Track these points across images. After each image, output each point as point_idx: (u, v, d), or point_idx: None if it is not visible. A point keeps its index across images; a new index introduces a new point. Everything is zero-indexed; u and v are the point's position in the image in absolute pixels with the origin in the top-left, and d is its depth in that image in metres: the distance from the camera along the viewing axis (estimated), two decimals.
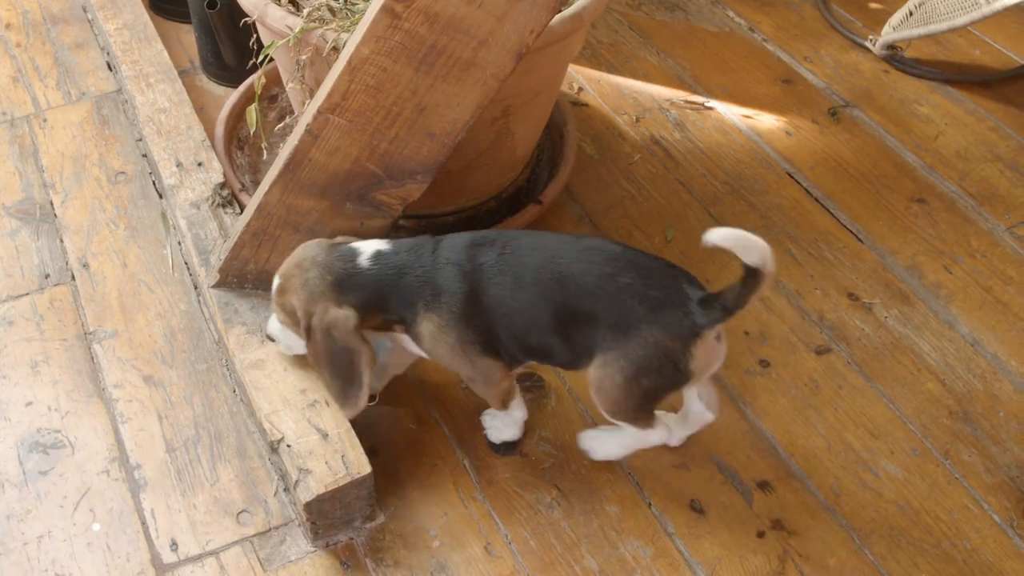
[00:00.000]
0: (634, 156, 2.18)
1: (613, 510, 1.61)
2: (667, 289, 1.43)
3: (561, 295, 1.44)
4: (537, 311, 1.46)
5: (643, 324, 1.41)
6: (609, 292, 1.42)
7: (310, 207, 1.59)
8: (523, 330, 1.48)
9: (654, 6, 2.60)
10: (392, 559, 1.55)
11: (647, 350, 1.42)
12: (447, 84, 1.44)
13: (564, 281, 1.44)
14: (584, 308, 1.44)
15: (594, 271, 1.43)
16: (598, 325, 1.44)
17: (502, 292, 1.46)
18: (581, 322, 1.45)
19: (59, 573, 1.53)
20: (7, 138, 2.18)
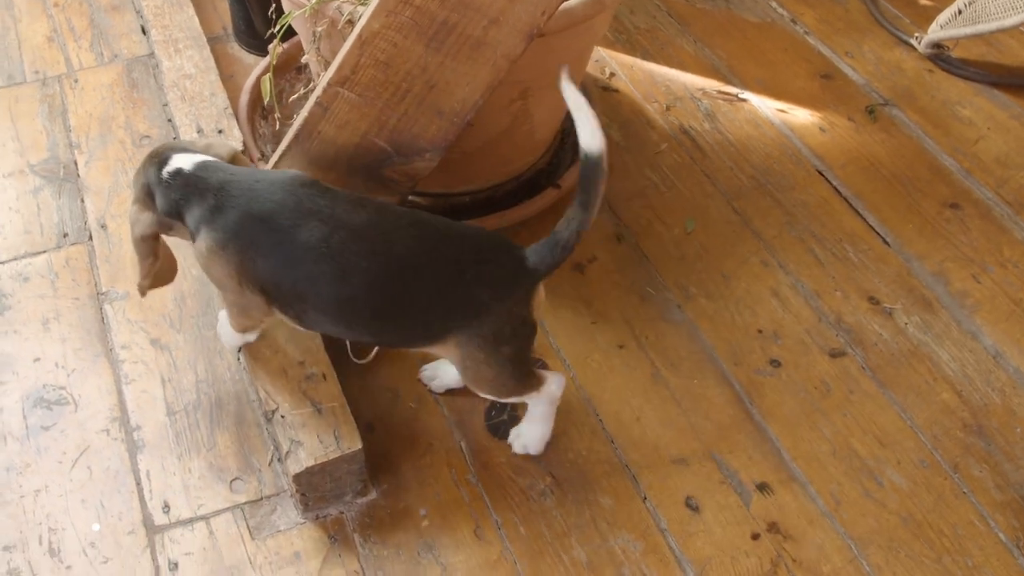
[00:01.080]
0: (661, 145, 2.17)
1: (607, 502, 1.62)
2: (500, 253, 1.44)
3: (396, 298, 1.42)
4: (360, 304, 1.42)
5: (491, 302, 1.41)
6: (455, 284, 1.41)
7: (318, 180, 1.60)
8: (337, 315, 1.45)
9: None
10: (380, 536, 1.57)
11: (501, 321, 1.43)
12: (457, 62, 1.45)
13: (401, 281, 1.41)
14: (424, 299, 1.42)
15: (434, 262, 1.41)
16: (444, 311, 1.43)
17: (326, 287, 1.41)
18: (422, 317, 1.44)
19: (52, 527, 1.57)
20: (38, 97, 2.23)
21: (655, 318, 1.86)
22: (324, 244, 1.37)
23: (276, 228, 1.39)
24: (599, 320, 1.85)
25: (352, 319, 1.44)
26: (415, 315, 1.43)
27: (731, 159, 2.15)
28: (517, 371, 1.49)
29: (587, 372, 1.77)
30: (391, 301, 1.42)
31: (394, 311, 1.43)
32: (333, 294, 1.40)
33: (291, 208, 1.39)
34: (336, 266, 1.38)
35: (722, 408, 1.73)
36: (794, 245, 1.98)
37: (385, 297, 1.41)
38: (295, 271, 1.40)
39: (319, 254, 1.38)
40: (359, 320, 1.44)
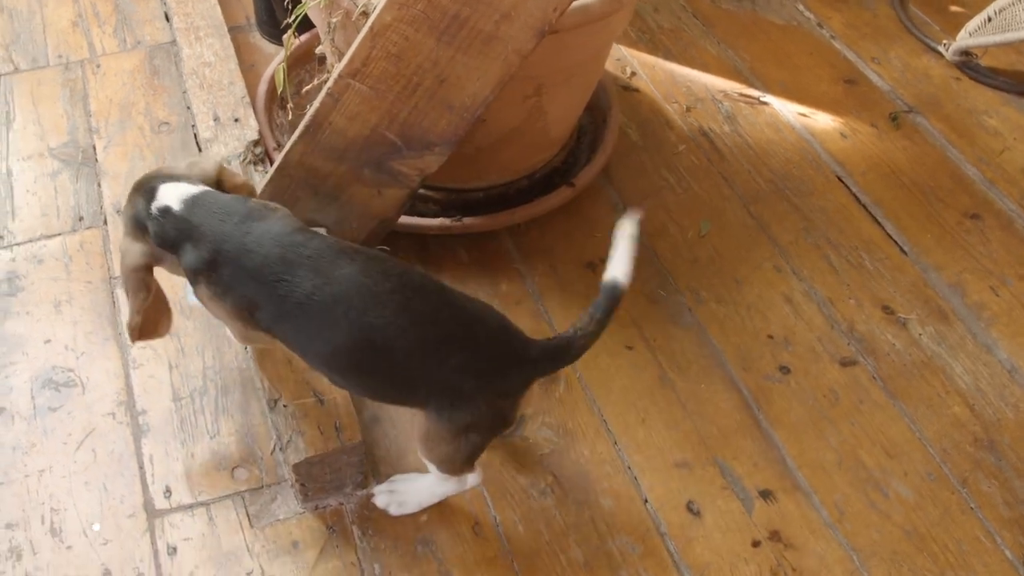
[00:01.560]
0: (679, 146, 2.17)
1: (607, 503, 1.62)
2: (499, 342, 1.40)
3: (374, 362, 1.38)
4: (344, 359, 1.40)
5: (476, 393, 1.38)
6: (439, 366, 1.37)
7: (329, 171, 1.62)
8: (325, 365, 1.44)
9: None
10: (378, 529, 1.58)
11: (479, 413, 1.40)
12: (468, 57, 1.45)
13: (378, 349, 1.36)
14: (404, 380, 1.40)
15: (415, 341, 1.36)
16: (425, 386, 1.39)
17: (312, 339, 1.40)
18: (400, 386, 1.41)
19: (55, 507, 1.60)
20: (60, 81, 2.27)
21: (665, 321, 1.86)
22: (310, 297, 1.36)
23: (265, 282, 1.38)
24: None
25: (339, 371, 1.43)
26: (398, 380, 1.40)
27: (750, 162, 2.14)
28: (471, 457, 1.46)
29: (594, 372, 1.78)
30: (373, 363, 1.39)
31: (377, 372, 1.40)
32: (318, 347, 1.40)
33: (277, 260, 1.38)
34: (322, 320, 1.37)
35: (729, 413, 1.73)
36: (809, 251, 1.97)
37: (368, 357, 1.38)
38: (285, 323, 1.40)
39: (306, 307, 1.37)
40: (345, 373, 1.43)
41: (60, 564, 1.53)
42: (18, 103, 2.21)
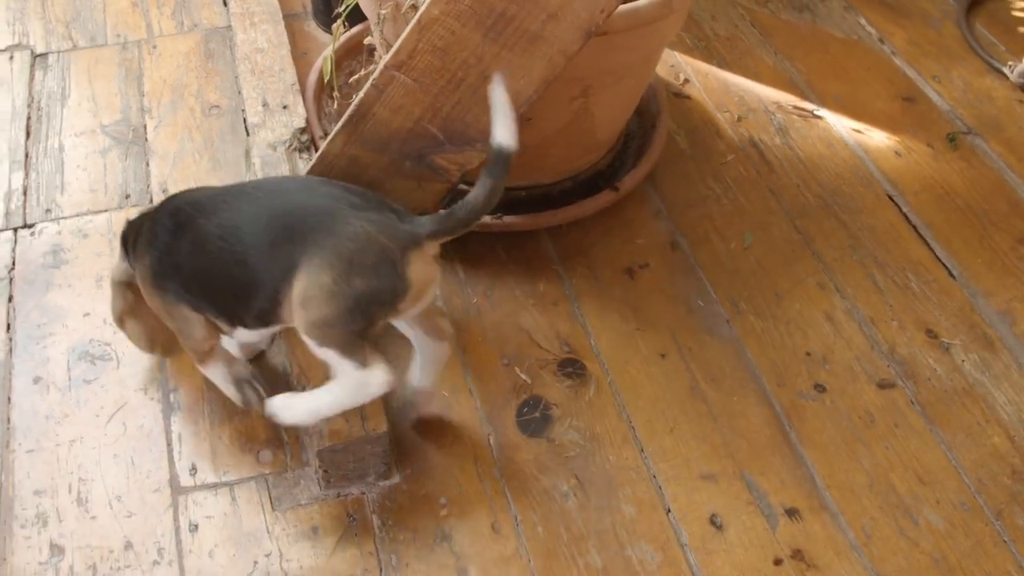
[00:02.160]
0: (728, 156, 2.18)
1: (629, 510, 1.64)
2: (381, 203, 1.48)
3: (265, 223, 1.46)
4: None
5: (353, 219, 1.40)
6: (312, 201, 1.45)
7: (370, 161, 1.66)
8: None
9: (781, 4, 2.57)
10: (398, 520, 1.62)
11: (359, 243, 1.38)
12: (513, 54, 1.48)
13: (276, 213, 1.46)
14: (285, 229, 1.44)
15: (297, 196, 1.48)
16: (299, 239, 1.41)
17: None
18: (279, 242, 1.43)
19: (83, 477, 1.65)
20: (116, 60, 2.34)
21: (701, 331, 1.87)
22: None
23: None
24: (643, 327, 1.87)
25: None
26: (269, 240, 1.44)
27: (799, 176, 2.14)
28: (356, 321, 1.39)
29: (625, 378, 1.79)
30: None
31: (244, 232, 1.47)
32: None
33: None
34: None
35: (759, 428, 1.73)
36: (854, 270, 1.97)
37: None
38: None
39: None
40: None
41: (84, 533, 1.59)
42: (74, 80, 2.29)
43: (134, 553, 1.57)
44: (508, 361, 1.82)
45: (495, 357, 1.82)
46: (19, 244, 1.97)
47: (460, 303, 1.90)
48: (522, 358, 1.82)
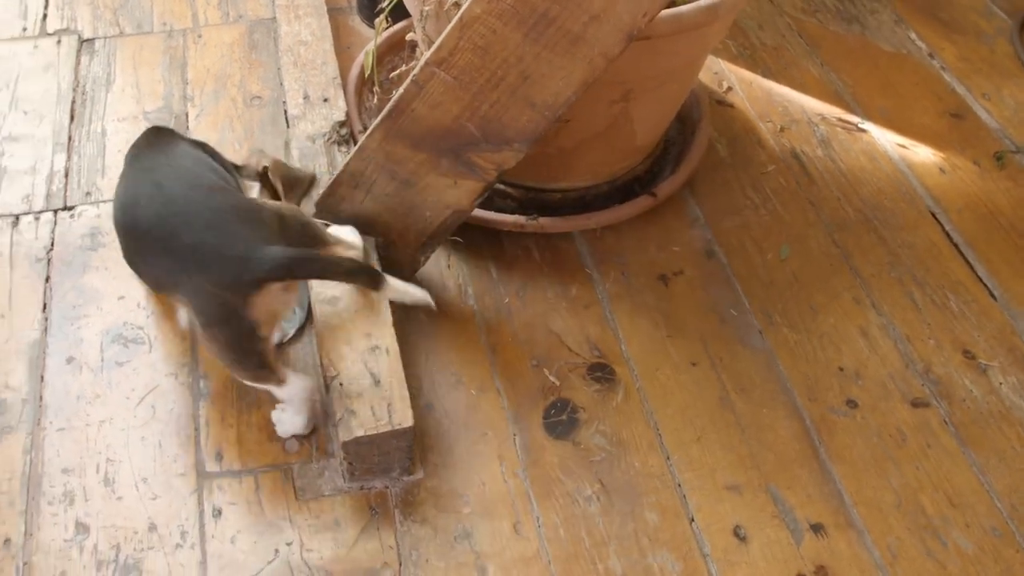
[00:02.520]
0: (768, 166, 2.18)
1: (652, 517, 1.64)
2: (232, 239, 1.54)
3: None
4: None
5: (195, 274, 1.52)
6: (183, 241, 1.54)
7: (407, 156, 1.68)
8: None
9: (830, 15, 2.57)
10: (420, 516, 1.64)
11: (206, 299, 1.53)
12: (553, 55, 1.50)
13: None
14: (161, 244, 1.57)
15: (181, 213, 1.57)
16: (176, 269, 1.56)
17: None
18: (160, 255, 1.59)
19: (111, 458, 1.69)
20: (162, 48, 2.38)
21: (733, 340, 1.87)
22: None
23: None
24: (675, 334, 1.88)
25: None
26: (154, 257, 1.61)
27: (840, 189, 2.14)
28: (237, 359, 1.58)
29: (654, 385, 1.80)
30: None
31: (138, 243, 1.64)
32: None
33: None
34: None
35: (788, 442, 1.74)
36: (892, 286, 1.96)
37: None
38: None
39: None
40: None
41: (109, 513, 1.62)
42: (119, 66, 2.34)
43: (158, 535, 1.60)
44: (537, 362, 1.83)
45: (525, 358, 1.84)
46: (59, 226, 2.01)
47: (492, 302, 1.92)
48: (552, 360, 1.84)
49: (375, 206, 1.77)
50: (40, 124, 2.20)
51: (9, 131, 2.18)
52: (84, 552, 1.58)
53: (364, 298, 1.73)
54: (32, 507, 1.63)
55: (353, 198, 1.77)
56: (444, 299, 1.93)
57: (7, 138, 2.17)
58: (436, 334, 1.86)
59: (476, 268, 1.97)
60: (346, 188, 1.76)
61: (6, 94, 2.26)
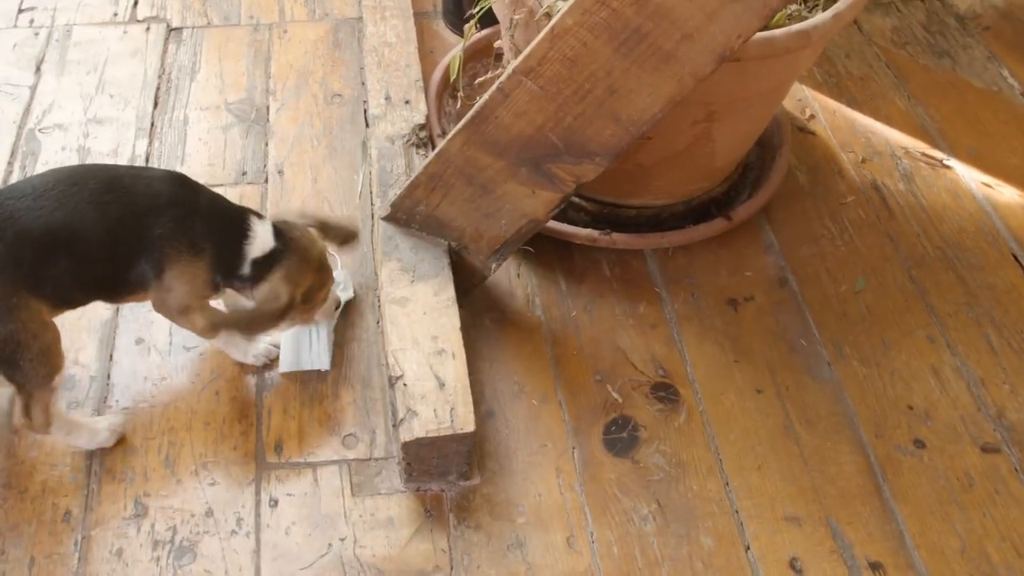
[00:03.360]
0: (847, 197, 2.19)
1: (708, 542, 1.66)
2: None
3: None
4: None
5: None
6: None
7: (487, 163, 1.72)
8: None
9: (921, 48, 2.57)
10: (475, 522, 1.67)
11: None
12: (643, 71, 1.53)
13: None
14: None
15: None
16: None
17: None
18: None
19: (172, 441, 1.74)
20: (247, 41, 2.46)
21: (800, 370, 1.88)
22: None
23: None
24: (742, 360, 1.89)
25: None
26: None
27: (920, 225, 2.14)
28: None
29: (718, 409, 1.82)
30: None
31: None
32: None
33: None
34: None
35: (851, 477, 1.74)
36: (968, 327, 1.96)
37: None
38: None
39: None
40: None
41: (168, 495, 1.67)
42: (205, 56, 2.41)
43: (214, 520, 1.65)
44: (601, 378, 1.86)
45: (589, 372, 1.87)
46: None
47: (559, 314, 1.95)
48: (615, 376, 1.86)
49: (450, 210, 1.81)
50: (125, 108, 2.28)
51: (95, 113, 2.27)
52: (141, 531, 1.64)
53: (434, 300, 1.77)
54: (94, 481, 1.69)
55: (429, 200, 1.82)
56: (512, 308, 1.96)
57: (92, 120, 2.25)
58: (501, 342, 1.90)
59: (545, 279, 2.01)
60: (423, 190, 1.81)
61: (93, 77, 2.35)
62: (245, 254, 1.67)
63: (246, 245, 1.67)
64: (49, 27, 2.47)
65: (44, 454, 1.71)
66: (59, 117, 2.26)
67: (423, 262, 1.83)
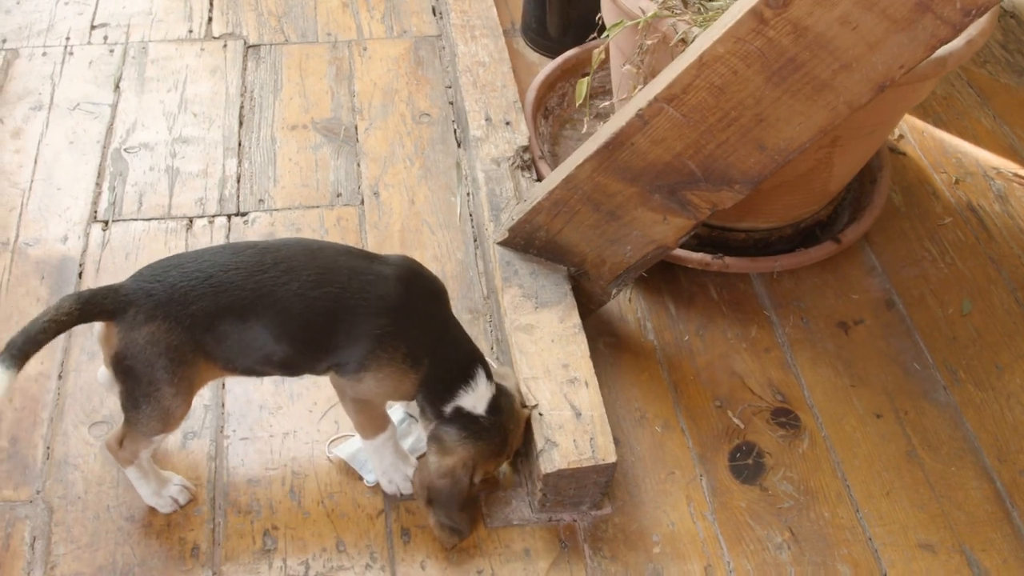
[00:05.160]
0: (945, 219, 2.19)
1: (844, 571, 1.65)
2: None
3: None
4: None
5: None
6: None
7: (617, 190, 1.70)
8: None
9: (1000, 67, 2.58)
10: (610, 552, 1.65)
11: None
12: (795, 101, 1.52)
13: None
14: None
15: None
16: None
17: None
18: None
19: (296, 471, 1.71)
20: (328, 58, 2.43)
21: (917, 395, 1.88)
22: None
23: None
24: (858, 384, 1.89)
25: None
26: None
27: (1020, 247, 2.14)
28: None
29: (840, 434, 1.81)
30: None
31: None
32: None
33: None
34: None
35: (978, 503, 1.74)
36: None
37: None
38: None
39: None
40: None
41: (296, 528, 1.64)
42: (286, 73, 2.38)
43: (347, 555, 1.62)
44: (720, 403, 1.85)
45: (708, 398, 1.86)
46: (232, 231, 2.05)
47: (672, 339, 1.94)
48: (734, 402, 1.85)
49: (573, 235, 1.79)
50: (210, 128, 2.24)
51: (180, 132, 2.23)
52: (273, 567, 1.60)
53: (561, 327, 1.75)
54: (219, 515, 1.66)
55: (551, 226, 1.80)
56: (624, 332, 1.95)
57: (177, 139, 2.22)
58: (618, 367, 1.88)
59: (654, 303, 1.99)
60: (545, 216, 1.79)
61: (175, 95, 2.31)
62: (456, 397, 1.56)
63: (462, 391, 1.56)
64: (124, 44, 2.43)
65: None
66: (144, 136, 2.22)
67: (544, 288, 1.81)
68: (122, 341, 1.45)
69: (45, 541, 1.61)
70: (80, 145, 2.20)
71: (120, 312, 1.45)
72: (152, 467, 1.64)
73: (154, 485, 1.65)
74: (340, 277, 1.49)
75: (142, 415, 1.50)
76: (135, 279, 1.49)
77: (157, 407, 1.49)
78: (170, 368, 1.46)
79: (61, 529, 1.63)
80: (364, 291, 1.49)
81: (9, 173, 2.14)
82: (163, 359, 1.45)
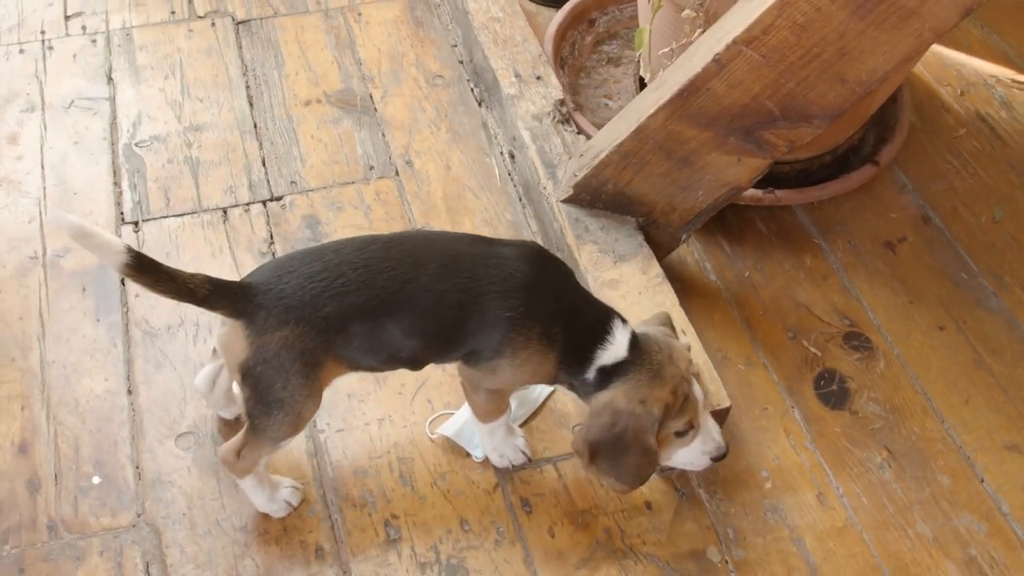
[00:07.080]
0: (959, 130, 2.23)
1: (945, 481, 1.69)
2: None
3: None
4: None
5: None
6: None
7: (691, 136, 1.68)
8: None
9: None
10: (725, 494, 1.66)
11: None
12: (880, 31, 1.51)
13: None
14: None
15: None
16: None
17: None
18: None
19: (400, 456, 1.66)
20: (323, 27, 2.31)
21: (971, 304, 1.93)
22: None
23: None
24: (916, 300, 1.92)
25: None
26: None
27: None
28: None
29: (910, 351, 1.85)
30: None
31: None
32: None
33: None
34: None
35: None
36: None
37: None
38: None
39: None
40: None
41: (416, 513, 1.60)
42: (284, 48, 2.26)
43: (473, 533, 1.59)
44: (793, 334, 1.86)
45: (780, 330, 1.86)
46: (271, 217, 1.95)
47: (733, 276, 1.93)
48: (806, 331, 1.87)
49: (643, 186, 1.76)
50: (220, 112, 2.12)
51: (189, 120, 2.10)
52: (402, 556, 1.56)
53: (644, 279, 1.73)
54: (335, 512, 1.60)
55: (619, 179, 1.76)
56: (688, 275, 1.94)
57: (189, 128, 2.09)
58: (691, 312, 1.85)
59: (708, 244, 1.98)
60: (614, 169, 1.75)
61: (174, 82, 2.17)
62: (595, 358, 1.46)
63: (599, 349, 1.46)
64: (105, 32, 2.27)
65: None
66: (152, 129, 2.09)
67: (618, 242, 1.78)
68: (253, 346, 1.37)
69: (160, 565, 1.53)
70: (86, 145, 2.05)
71: (250, 314, 1.37)
72: (265, 473, 1.57)
73: (268, 491, 1.58)
74: (464, 264, 1.43)
75: (273, 420, 1.43)
76: (258, 277, 1.41)
77: (291, 411, 1.42)
78: (304, 372, 1.39)
79: (174, 550, 1.55)
80: (490, 275, 1.42)
81: (17, 182, 1.99)
82: (297, 364, 1.38)
